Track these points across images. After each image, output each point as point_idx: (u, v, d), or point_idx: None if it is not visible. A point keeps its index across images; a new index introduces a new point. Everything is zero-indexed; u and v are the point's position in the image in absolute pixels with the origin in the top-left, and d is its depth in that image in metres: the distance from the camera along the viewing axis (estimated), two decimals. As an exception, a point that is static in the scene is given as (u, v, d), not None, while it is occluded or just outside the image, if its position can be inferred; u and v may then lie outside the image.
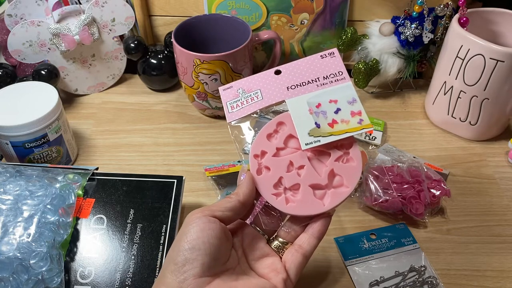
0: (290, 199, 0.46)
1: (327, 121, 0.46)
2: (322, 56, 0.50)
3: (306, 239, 0.46)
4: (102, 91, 0.89)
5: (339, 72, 0.49)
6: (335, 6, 0.83)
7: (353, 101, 0.47)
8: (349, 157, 0.46)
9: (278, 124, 0.48)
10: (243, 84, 0.50)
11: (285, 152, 0.47)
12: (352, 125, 0.46)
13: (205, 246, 0.41)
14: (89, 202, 0.58)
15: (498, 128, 0.78)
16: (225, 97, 0.50)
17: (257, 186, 0.46)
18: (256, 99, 0.49)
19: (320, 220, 0.46)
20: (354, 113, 0.47)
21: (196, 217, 0.42)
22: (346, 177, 0.46)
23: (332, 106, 0.47)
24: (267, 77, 0.50)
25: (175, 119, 0.82)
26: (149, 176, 0.62)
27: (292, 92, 0.48)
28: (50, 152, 0.69)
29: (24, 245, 0.52)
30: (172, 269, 0.40)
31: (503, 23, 0.76)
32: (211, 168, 0.71)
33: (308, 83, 0.49)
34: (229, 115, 0.49)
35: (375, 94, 0.87)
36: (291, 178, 0.46)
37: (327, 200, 0.46)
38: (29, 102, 0.68)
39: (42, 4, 0.80)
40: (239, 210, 0.45)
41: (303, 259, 0.46)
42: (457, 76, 0.73)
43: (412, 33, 0.79)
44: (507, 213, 0.67)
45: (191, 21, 0.80)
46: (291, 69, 0.50)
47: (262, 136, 0.48)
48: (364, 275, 0.59)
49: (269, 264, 0.45)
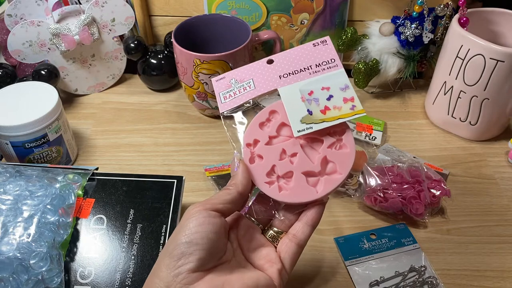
0: (283, 187, 0.46)
1: (319, 108, 0.46)
2: (314, 44, 0.49)
3: (300, 227, 0.46)
4: (102, 91, 0.89)
5: (332, 59, 0.48)
6: (335, 6, 0.83)
7: (345, 87, 0.47)
8: (342, 143, 0.46)
9: (271, 113, 0.48)
10: (236, 75, 0.50)
11: (277, 140, 0.47)
12: (344, 111, 0.46)
13: (203, 241, 0.40)
14: (89, 202, 0.58)
15: (498, 128, 0.78)
16: (217, 88, 0.50)
17: (250, 174, 0.46)
18: (248, 88, 0.49)
19: (314, 208, 0.46)
20: (346, 100, 0.46)
21: (196, 211, 0.42)
22: (339, 164, 0.45)
23: (324, 93, 0.47)
24: (260, 67, 0.49)
25: (175, 119, 0.82)
26: (149, 176, 0.62)
27: (284, 80, 0.48)
28: (50, 152, 0.69)
29: (24, 245, 0.52)
30: (167, 263, 0.40)
31: (503, 23, 0.76)
32: (211, 168, 0.71)
33: (300, 71, 0.48)
34: (221, 105, 0.49)
35: (375, 94, 0.87)
36: (284, 166, 0.46)
37: (320, 187, 0.45)
38: (29, 102, 0.68)
39: (42, 4, 0.80)
40: (238, 202, 0.44)
41: (298, 249, 0.46)
42: (457, 76, 0.73)
43: (412, 33, 0.79)
44: (507, 213, 0.67)
45: (191, 21, 0.80)
46: (284, 58, 0.49)
47: (254, 125, 0.47)
48: (364, 275, 0.59)
49: (264, 255, 0.45)
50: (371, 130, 0.78)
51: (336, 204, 0.68)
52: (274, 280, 0.43)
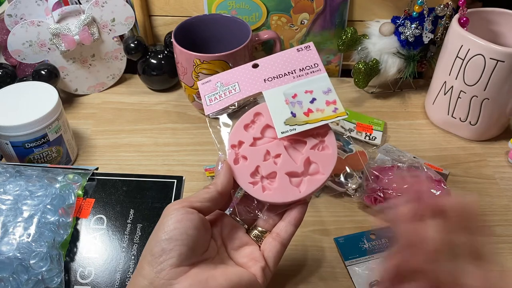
0: (267, 187, 0.46)
1: (302, 110, 0.47)
2: (298, 49, 0.51)
3: (283, 226, 0.47)
4: (102, 91, 0.89)
5: (315, 64, 0.50)
6: (335, 6, 0.83)
7: (328, 91, 0.48)
8: (324, 145, 0.47)
9: (255, 115, 0.49)
10: (222, 78, 0.51)
11: (262, 142, 0.48)
12: (327, 114, 0.47)
13: (182, 236, 0.41)
14: (89, 202, 0.58)
15: (498, 128, 0.78)
16: (203, 91, 0.51)
17: (234, 175, 0.47)
18: (233, 91, 0.50)
19: (297, 207, 0.47)
20: (329, 102, 0.48)
21: (173, 209, 0.43)
22: (321, 165, 0.47)
23: (307, 96, 0.48)
24: (245, 71, 0.51)
25: (175, 119, 0.82)
26: (149, 176, 0.62)
27: (269, 84, 0.49)
28: (50, 152, 0.69)
29: (24, 245, 0.52)
30: (149, 260, 0.41)
31: (503, 23, 0.76)
32: (211, 168, 0.71)
33: (284, 75, 0.50)
34: (207, 108, 0.50)
35: (375, 94, 0.87)
36: (268, 167, 0.47)
37: (303, 187, 0.46)
38: (29, 102, 0.68)
39: (42, 4, 0.80)
40: (217, 201, 0.45)
41: (281, 247, 0.46)
42: (457, 76, 0.73)
43: (412, 33, 0.79)
44: (507, 213, 0.67)
45: (191, 21, 0.80)
46: (269, 62, 0.51)
47: (239, 127, 0.49)
48: (364, 275, 0.59)
49: (247, 253, 0.46)
50: (371, 130, 0.78)
51: (336, 204, 0.68)
52: (258, 277, 0.44)
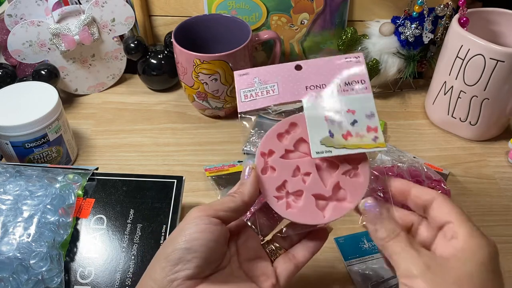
0: (291, 204, 0.44)
1: (341, 132, 0.44)
2: (346, 58, 0.47)
3: (301, 251, 0.46)
4: (102, 91, 0.89)
5: (362, 80, 0.46)
6: (335, 6, 0.83)
7: (371, 115, 0.45)
8: (357, 172, 0.45)
9: (291, 125, 0.46)
10: (260, 73, 0.47)
11: (293, 155, 0.45)
12: (366, 141, 0.44)
13: (201, 248, 0.39)
14: (89, 202, 0.58)
15: (498, 128, 0.78)
16: (239, 84, 0.46)
17: (260, 185, 0.44)
18: (272, 92, 0.46)
19: (317, 238, 0.46)
20: (370, 129, 0.44)
21: (197, 216, 0.41)
22: (350, 192, 0.44)
23: (349, 117, 0.45)
24: (286, 71, 0.47)
25: (175, 119, 0.82)
26: (149, 176, 0.62)
27: (310, 92, 0.46)
28: (50, 152, 0.69)
29: (24, 245, 0.52)
30: (163, 266, 0.39)
31: (503, 23, 0.76)
32: (211, 168, 0.71)
33: (328, 86, 0.46)
34: (241, 104, 0.45)
35: (375, 94, 0.87)
36: (296, 184, 0.44)
37: (328, 213, 0.44)
38: (29, 102, 0.68)
39: (42, 4, 0.80)
40: (241, 211, 0.43)
41: (295, 269, 0.45)
42: (457, 76, 0.73)
43: (412, 33, 0.79)
44: (507, 213, 0.67)
45: (191, 21, 0.80)
46: (313, 66, 0.47)
47: (272, 135, 0.45)
48: (364, 275, 0.59)
49: (260, 267, 0.44)
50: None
51: (336, 204, 0.68)
52: None
